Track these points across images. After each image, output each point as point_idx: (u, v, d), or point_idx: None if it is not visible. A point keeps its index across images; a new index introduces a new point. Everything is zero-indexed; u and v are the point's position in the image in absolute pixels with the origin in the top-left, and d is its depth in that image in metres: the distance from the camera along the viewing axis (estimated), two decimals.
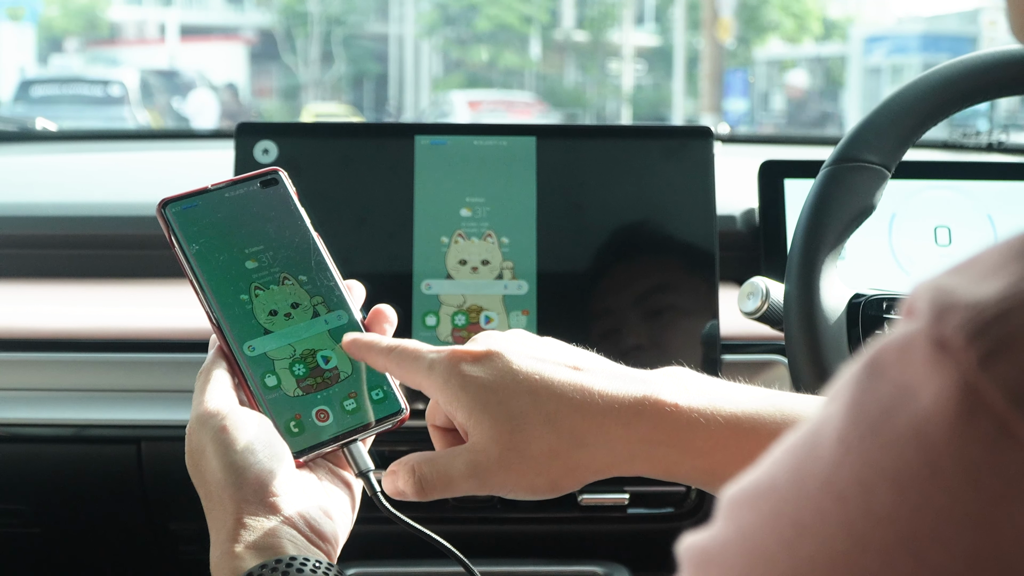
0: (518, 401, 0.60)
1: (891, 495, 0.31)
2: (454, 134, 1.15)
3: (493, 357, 0.62)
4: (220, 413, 0.64)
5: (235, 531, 0.60)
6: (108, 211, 1.34)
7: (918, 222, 1.18)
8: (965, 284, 0.32)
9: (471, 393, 0.61)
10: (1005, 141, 1.64)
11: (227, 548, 0.60)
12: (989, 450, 0.30)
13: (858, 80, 21.54)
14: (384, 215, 1.12)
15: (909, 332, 0.33)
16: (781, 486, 0.34)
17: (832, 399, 0.35)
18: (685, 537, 0.38)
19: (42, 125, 1.85)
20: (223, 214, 0.70)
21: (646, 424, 0.60)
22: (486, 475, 0.61)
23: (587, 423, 0.60)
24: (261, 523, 0.60)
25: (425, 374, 0.63)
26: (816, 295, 0.89)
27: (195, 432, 0.64)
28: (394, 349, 0.65)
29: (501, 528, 1.14)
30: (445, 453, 0.62)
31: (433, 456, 0.63)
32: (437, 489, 0.62)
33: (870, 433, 0.32)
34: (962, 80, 0.94)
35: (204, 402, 0.65)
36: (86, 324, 1.18)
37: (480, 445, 0.61)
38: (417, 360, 0.64)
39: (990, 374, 0.30)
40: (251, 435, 0.63)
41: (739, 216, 1.28)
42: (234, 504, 0.61)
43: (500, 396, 0.60)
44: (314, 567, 0.58)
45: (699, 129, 1.16)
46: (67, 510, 1.21)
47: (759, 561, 0.34)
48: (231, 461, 0.62)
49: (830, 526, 0.32)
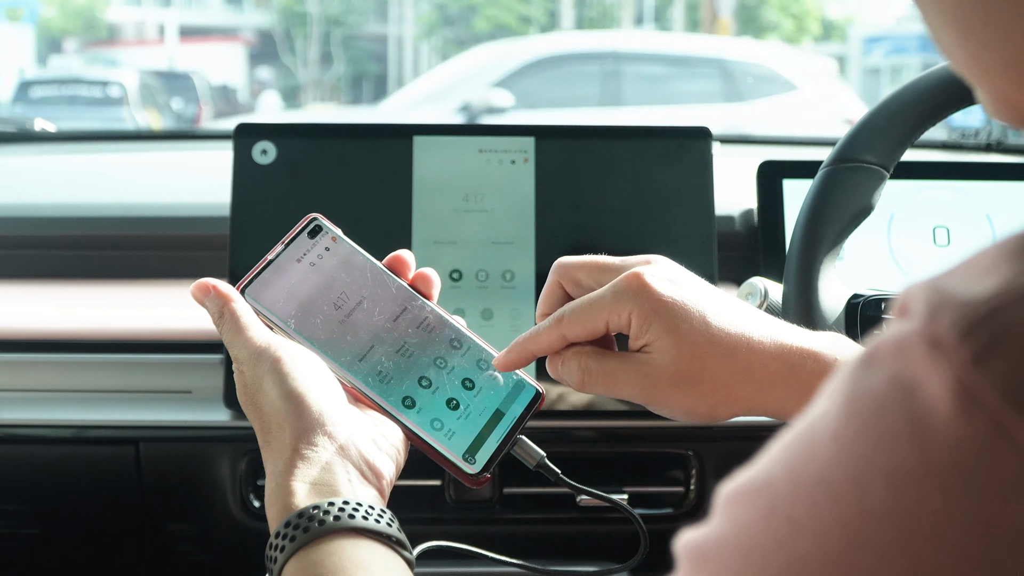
0: (705, 329, 0.64)
1: (886, 493, 0.31)
2: (453, 135, 1.15)
3: (680, 283, 0.65)
4: (272, 346, 0.66)
5: (292, 461, 0.62)
6: (106, 212, 1.34)
7: (917, 222, 1.18)
8: (959, 283, 0.32)
9: (663, 316, 0.64)
10: (1004, 141, 1.64)
11: (283, 480, 0.61)
12: (984, 448, 0.30)
13: (857, 80, 21.54)
14: (382, 215, 1.12)
15: (904, 330, 0.33)
16: (777, 483, 0.34)
17: (827, 396, 0.35)
18: (683, 533, 0.38)
19: (41, 126, 1.85)
20: (296, 278, 0.72)
21: (808, 372, 0.64)
22: (654, 388, 0.64)
23: (760, 360, 0.64)
24: (319, 454, 0.62)
25: (612, 305, 0.65)
26: (814, 295, 0.89)
27: (250, 366, 0.66)
28: (562, 317, 0.67)
29: (500, 528, 1.14)
30: (616, 355, 0.66)
31: (603, 353, 0.67)
32: (599, 386, 0.66)
33: (864, 431, 0.33)
34: (960, 81, 0.93)
35: (251, 339, 0.67)
36: (84, 325, 1.18)
37: (658, 362, 0.64)
38: (595, 303, 0.66)
39: (984, 372, 0.30)
40: (307, 368, 0.66)
41: (738, 216, 1.28)
42: (293, 433, 0.63)
43: (689, 322, 0.64)
44: (366, 513, 0.60)
45: (698, 130, 1.16)
46: (65, 511, 1.21)
47: (754, 557, 0.34)
48: (291, 389, 0.64)
49: (825, 523, 0.32)
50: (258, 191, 1.12)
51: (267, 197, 1.11)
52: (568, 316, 0.67)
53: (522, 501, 1.12)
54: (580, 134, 1.15)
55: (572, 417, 1.11)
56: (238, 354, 0.67)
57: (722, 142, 1.69)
